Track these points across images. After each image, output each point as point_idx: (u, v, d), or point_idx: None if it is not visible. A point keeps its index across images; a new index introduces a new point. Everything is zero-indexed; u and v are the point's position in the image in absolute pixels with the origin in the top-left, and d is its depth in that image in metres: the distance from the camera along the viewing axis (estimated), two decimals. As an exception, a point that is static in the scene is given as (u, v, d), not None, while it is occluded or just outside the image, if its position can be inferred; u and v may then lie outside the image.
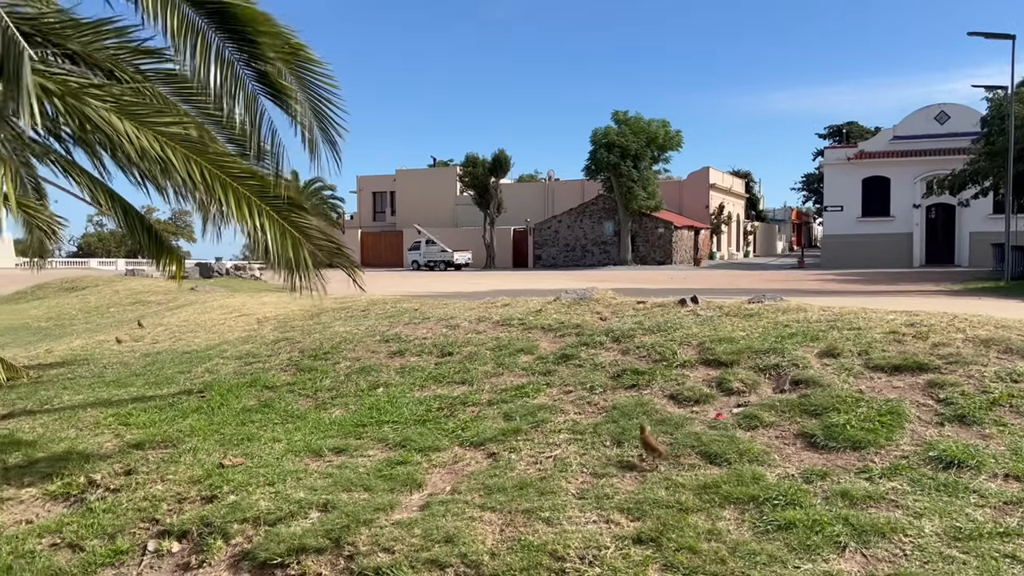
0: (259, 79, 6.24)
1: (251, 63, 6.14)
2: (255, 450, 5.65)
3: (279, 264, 6.34)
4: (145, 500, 5.08)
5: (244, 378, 7.67)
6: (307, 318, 10.48)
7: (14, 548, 4.76)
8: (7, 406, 7.61)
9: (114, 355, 9.91)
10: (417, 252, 52.61)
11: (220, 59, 5.78)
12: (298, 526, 4.40)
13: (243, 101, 6.07)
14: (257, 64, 6.16)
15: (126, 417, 6.74)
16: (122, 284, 21.13)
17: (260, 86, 6.23)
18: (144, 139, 5.60)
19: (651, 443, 4.78)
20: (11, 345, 12.66)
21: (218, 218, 6.13)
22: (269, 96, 6.29)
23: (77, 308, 17.54)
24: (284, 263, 6.32)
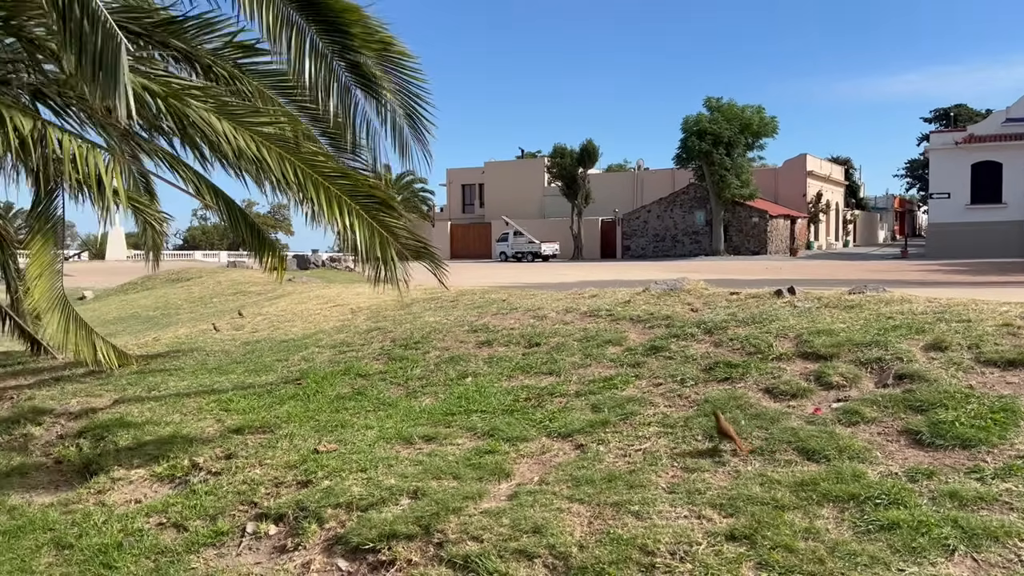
0: (351, 71, 6.34)
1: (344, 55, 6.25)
2: (348, 436, 5.78)
3: (367, 261, 6.46)
4: (244, 483, 5.26)
5: (338, 366, 7.85)
6: (398, 308, 10.65)
7: (124, 526, 5.01)
8: (118, 391, 8.01)
9: (216, 343, 10.31)
10: (505, 244, 52.86)
11: (315, 52, 5.89)
12: (389, 512, 4.47)
13: (337, 94, 6.18)
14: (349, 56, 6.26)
15: (227, 403, 6.99)
16: (224, 275, 21.99)
17: (352, 76, 6.33)
18: (241, 139, 5.79)
19: (726, 430, 4.72)
20: (122, 333, 13.34)
21: (310, 216, 6.29)
22: (361, 88, 6.38)
23: (182, 298, 18.35)
24: (372, 261, 6.44)
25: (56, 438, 6.94)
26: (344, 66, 6.27)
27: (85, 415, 7.27)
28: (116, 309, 18.43)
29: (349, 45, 6.17)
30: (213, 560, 4.50)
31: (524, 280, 23.38)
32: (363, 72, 6.32)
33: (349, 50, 6.21)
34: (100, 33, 4.05)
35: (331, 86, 6.12)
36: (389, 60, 6.32)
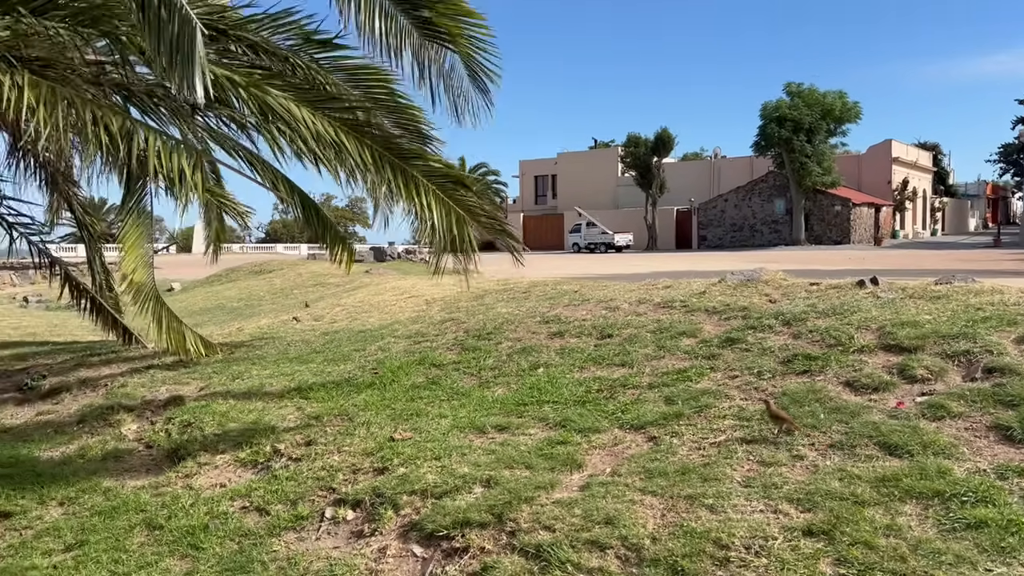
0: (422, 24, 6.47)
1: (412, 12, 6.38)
2: (423, 425, 5.87)
3: (444, 242, 6.52)
4: (323, 470, 5.41)
5: (413, 356, 7.98)
6: (472, 299, 10.74)
7: (210, 509, 5.21)
8: (204, 379, 8.32)
9: (297, 333, 10.61)
10: (578, 234, 52.64)
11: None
12: (463, 500, 4.53)
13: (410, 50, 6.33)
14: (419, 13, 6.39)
15: (307, 392, 7.19)
16: (304, 267, 22.58)
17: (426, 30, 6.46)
18: (319, 124, 5.93)
19: (778, 414, 4.73)
20: (208, 324, 13.84)
21: (387, 198, 6.38)
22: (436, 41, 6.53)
23: (265, 290, 18.92)
24: (449, 241, 6.50)
25: (147, 424, 7.26)
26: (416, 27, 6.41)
27: (173, 402, 7.58)
28: (202, 300, 19.14)
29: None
30: (294, 544, 4.64)
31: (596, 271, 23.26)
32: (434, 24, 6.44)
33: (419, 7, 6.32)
34: (176, 20, 4.18)
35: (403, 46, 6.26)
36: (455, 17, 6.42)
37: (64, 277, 9.65)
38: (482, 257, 6.86)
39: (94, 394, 8.32)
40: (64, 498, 5.77)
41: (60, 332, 13.57)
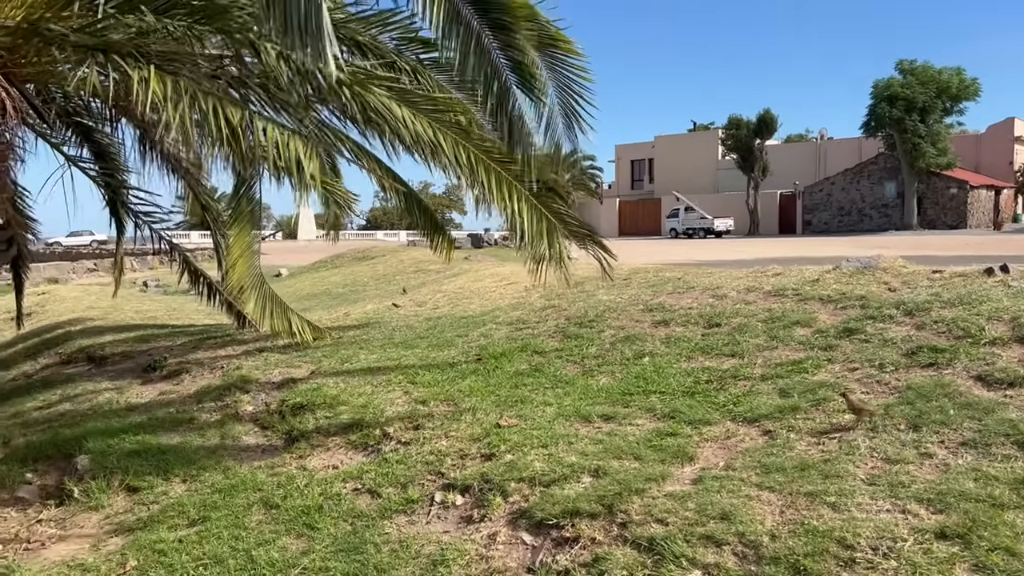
0: (513, 70, 6.43)
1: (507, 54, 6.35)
2: (528, 412, 5.87)
3: (533, 247, 6.55)
4: (431, 454, 5.48)
5: (515, 343, 7.99)
6: (572, 286, 10.67)
7: (324, 490, 5.35)
8: (314, 363, 8.56)
9: (400, 319, 10.80)
10: (675, 220, 51.79)
11: (479, 49, 6.02)
12: (571, 489, 4.50)
13: (496, 94, 6.31)
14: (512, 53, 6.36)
15: (413, 377, 7.30)
16: (406, 254, 22.99)
17: (515, 77, 6.43)
18: (419, 124, 6.01)
19: (856, 404, 4.68)
20: (315, 309, 14.27)
21: (480, 199, 6.42)
22: (519, 87, 6.48)
23: (368, 276, 19.38)
24: (537, 246, 6.52)
25: (261, 405, 7.53)
26: (507, 64, 6.38)
27: (286, 385, 7.83)
28: (309, 286, 19.76)
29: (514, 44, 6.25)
30: (405, 527, 4.72)
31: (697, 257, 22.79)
32: (523, 71, 6.40)
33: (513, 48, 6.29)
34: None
35: (492, 83, 6.25)
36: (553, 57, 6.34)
37: (183, 263, 10.10)
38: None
39: (211, 375, 8.68)
40: (186, 475, 6.04)
41: (178, 316, 14.25)
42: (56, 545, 5.42)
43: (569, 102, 6.25)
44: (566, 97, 6.24)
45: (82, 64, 6.22)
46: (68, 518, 5.77)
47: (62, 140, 8.67)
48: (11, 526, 5.78)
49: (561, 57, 6.26)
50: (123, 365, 9.78)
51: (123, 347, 10.63)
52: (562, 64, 6.24)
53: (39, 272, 25.48)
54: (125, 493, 5.95)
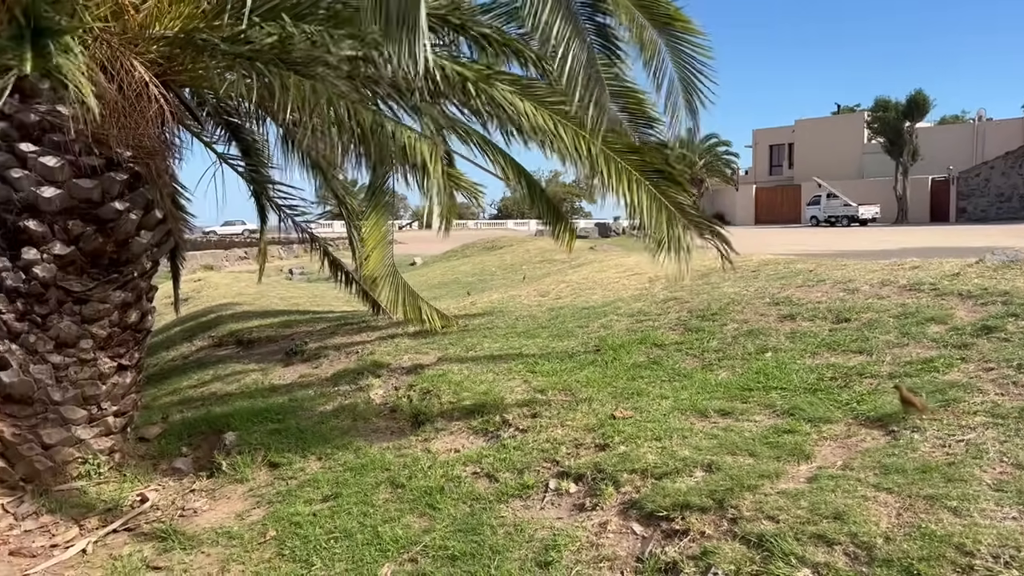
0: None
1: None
2: (644, 405, 5.92)
3: (652, 238, 6.55)
4: (547, 442, 5.63)
5: (635, 335, 8.02)
6: (696, 278, 10.56)
7: (445, 472, 5.61)
8: (441, 350, 8.89)
9: (524, 308, 11.02)
10: (816, 207, 49.67)
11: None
12: (683, 483, 4.54)
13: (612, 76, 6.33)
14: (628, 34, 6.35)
15: (533, 366, 7.48)
16: (532, 244, 23.31)
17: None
18: (540, 117, 6.16)
19: (910, 399, 4.61)
20: (444, 297, 14.74)
21: (600, 189, 6.49)
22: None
23: (496, 265, 19.79)
24: (656, 237, 6.52)
25: (391, 389, 7.91)
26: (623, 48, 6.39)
27: (414, 370, 8.20)
28: (440, 274, 20.39)
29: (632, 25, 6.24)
30: (520, 511, 4.90)
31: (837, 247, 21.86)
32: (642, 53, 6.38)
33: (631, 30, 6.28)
34: None
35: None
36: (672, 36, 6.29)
37: (323, 253, 10.71)
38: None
39: (347, 360, 9.18)
40: (321, 453, 6.46)
41: (319, 302, 15.08)
42: (206, 513, 5.96)
43: (690, 80, 6.19)
44: (686, 75, 6.18)
45: (231, 70, 6.74)
46: (217, 489, 6.31)
47: (214, 139, 9.39)
48: (169, 494, 6.39)
49: (680, 35, 6.21)
50: (268, 348, 10.49)
51: (268, 331, 11.40)
52: (682, 43, 6.18)
53: (195, 260, 27.55)
54: (267, 468, 6.44)
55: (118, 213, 6.51)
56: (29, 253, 6.28)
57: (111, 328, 6.79)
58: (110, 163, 6.45)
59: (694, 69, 6.08)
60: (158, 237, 7.10)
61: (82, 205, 6.36)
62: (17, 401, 6.49)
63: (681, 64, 6.05)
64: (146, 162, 6.77)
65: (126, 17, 6.36)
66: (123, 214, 6.54)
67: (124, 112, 6.06)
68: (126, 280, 6.84)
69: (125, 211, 6.55)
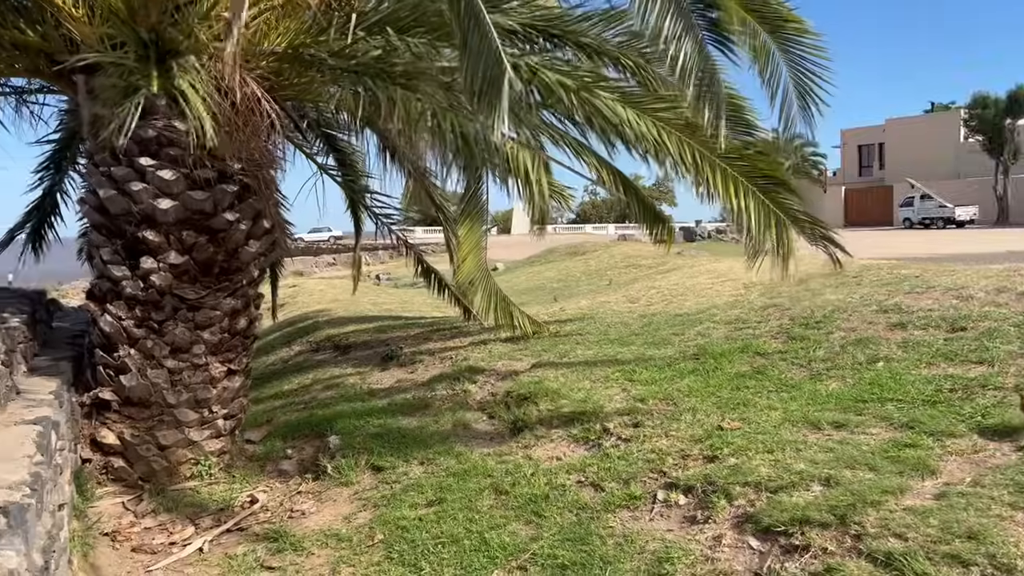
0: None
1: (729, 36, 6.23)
2: (751, 416, 5.79)
3: (760, 243, 6.42)
4: (652, 452, 5.56)
5: (735, 343, 7.86)
6: (794, 284, 10.28)
7: (549, 480, 5.61)
8: (534, 356, 8.90)
9: (615, 315, 10.94)
10: (910, 208, 47.87)
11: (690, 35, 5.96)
12: (800, 497, 4.41)
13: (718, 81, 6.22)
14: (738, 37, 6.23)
15: (630, 374, 7.41)
16: (616, 249, 23.16)
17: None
18: (643, 124, 6.11)
19: None
20: (532, 303, 14.75)
21: (704, 195, 6.39)
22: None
23: (580, 271, 19.74)
24: (765, 242, 6.38)
25: (488, 394, 7.96)
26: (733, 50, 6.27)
27: (509, 376, 8.23)
28: (525, 280, 20.44)
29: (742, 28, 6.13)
30: (628, 522, 4.85)
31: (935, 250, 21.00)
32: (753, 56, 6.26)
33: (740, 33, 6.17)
34: (487, 56, 4.45)
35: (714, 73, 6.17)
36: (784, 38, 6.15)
37: (417, 259, 10.87)
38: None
39: (442, 365, 9.29)
40: (423, 458, 6.54)
41: (409, 308, 15.31)
42: (314, 515, 6.11)
43: (804, 83, 6.05)
44: (800, 79, 6.04)
45: (335, 83, 6.91)
46: (323, 491, 6.46)
47: (314, 151, 9.66)
48: (277, 496, 6.58)
49: (792, 37, 6.08)
50: (364, 353, 10.71)
51: (364, 336, 11.64)
52: (794, 44, 6.05)
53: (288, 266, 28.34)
54: (370, 472, 6.56)
55: (229, 223, 6.75)
56: (147, 262, 6.57)
57: (221, 334, 7.04)
58: (222, 175, 6.69)
59: (809, 73, 5.92)
60: (265, 246, 7.33)
61: (195, 216, 6.62)
62: (135, 404, 6.80)
63: (795, 68, 5.91)
64: (255, 174, 7.01)
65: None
66: (233, 224, 6.78)
67: (236, 126, 6.29)
68: (236, 288, 7.09)
69: (235, 221, 6.79)
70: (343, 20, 6.48)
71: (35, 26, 6.48)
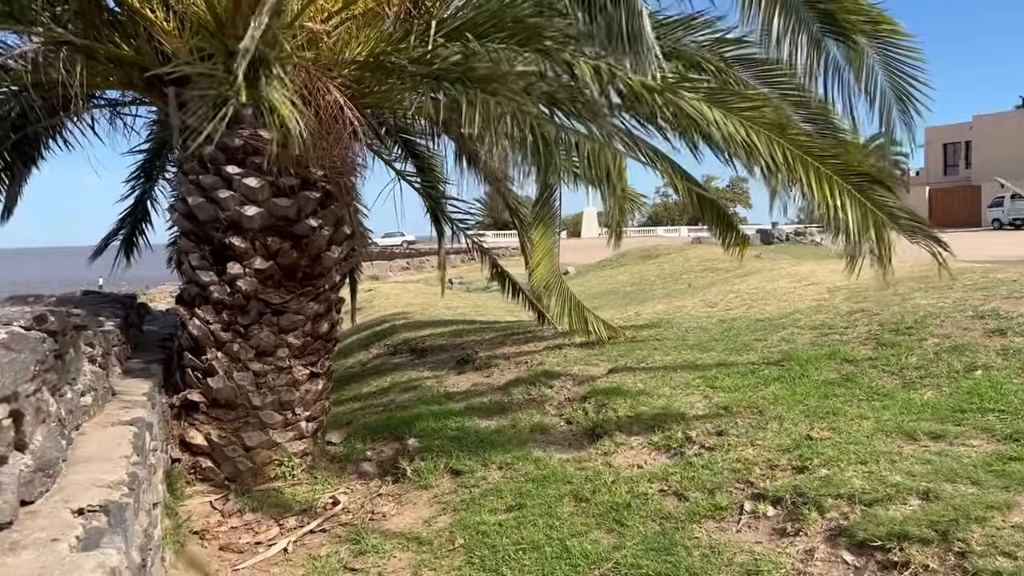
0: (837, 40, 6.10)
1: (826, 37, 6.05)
2: (841, 425, 5.59)
3: (858, 245, 6.20)
4: (737, 462, 5.42)
5: (821, 349, 7.62)
6: (881, 288, 9.92)
7: (630, 488, 5.52)
8: (611, 361, 8.81)
9: (692, 320, 10.75)
10: (999, 209, 45.80)
11: (810, 38, 5.80)
12: (896, 511, 4.23)
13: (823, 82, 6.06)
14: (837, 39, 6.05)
15: (712, 380, 7.25)
16: (692, 252, 22.79)
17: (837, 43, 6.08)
18: (730, 125, 5.97)
19: None
20: (605, 308, 14.63)
21: (798, 197, 6.21)
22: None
23: (655, 275, 19.49)
24: (863, 243, 6.16)
25: (564, 400, 7.90)
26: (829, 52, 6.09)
27: (586, 381, 8.16)
28: (596, 284, 20.30)
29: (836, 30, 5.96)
30: (714, 533, 4.74)
31: None
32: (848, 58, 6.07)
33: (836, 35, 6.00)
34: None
35: (815, 70, 6.00)
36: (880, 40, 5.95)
37: (492, 264, 10.90)
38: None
39: (517, 369, 9.27)
40: (502, 463, 6.53)
41: (482, 312, 15.36)
42: (394, 517, 6.16)
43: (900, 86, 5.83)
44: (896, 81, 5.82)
45: (414, 90, 6.98)
46: (403, 494, 6.51)
47: (392, 157, 9.78)
48: (358, 498, 6.66)
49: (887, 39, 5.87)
50: (440, 356, 10.78)
51: (439, 340, 11.72)
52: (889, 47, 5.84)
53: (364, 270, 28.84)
54: (449, 475, 6.58)
55: (312, 229, 6.88)
56: (234, 268, 6.75)
57: (304, 338, 7.17)
58: (305, 182, 6.83)
59: (906, 76, 5.72)
60: (346, 251, 7.45)
61: (280, 222, 6.76)
62: (222, 405, 6.98)
63: (892, 72, 5.70)
64: (336, 181, 7.13)
65: (320, 44, 6.73)
66: (316, 230, 6.91)
67: (320, 134, 6.40)
68: (318, 292, 7.21)
69: (318, 227, 6.91)
70: (423, 27, 6.55)
71: (129, 40, 6.74)
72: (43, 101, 6.76)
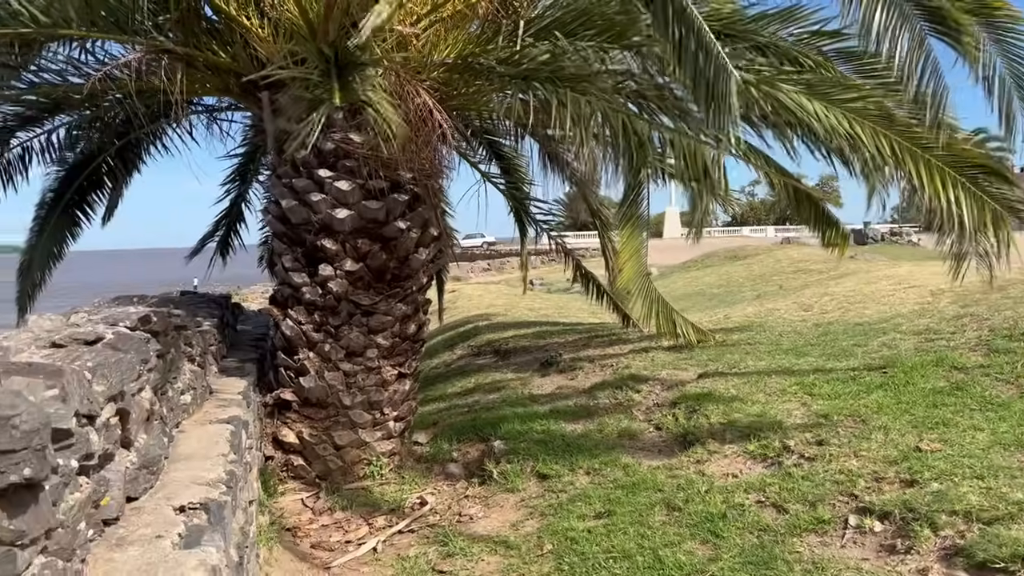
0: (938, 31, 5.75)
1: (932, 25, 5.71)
2: (953, 437, 5.27)
3: (973, 241, 5.85)
4: (840, 473, 5.17)
5: (927, 355, 7.23)
6: (989, 291, 9.38)
7: (725, 498, 5.33)
8: (700, 366, 8.58)
9: (786, 323, 10.40)
10: (1116, 207, 43.02)
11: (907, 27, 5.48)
12: (1020, 531, 3.95)
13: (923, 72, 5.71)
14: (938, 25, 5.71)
15: (809, 387, 6.97)
16: (782, 253, 22.15)
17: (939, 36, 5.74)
18: (832, 117, 5.70)
19: None
20: (692, 310, 14.33)
21: (907, 190, 5.89)
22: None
23: (743, 276, 19.00)
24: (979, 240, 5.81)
25: (653, 405, 7.74)
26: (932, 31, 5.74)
27: (675, 386, 7.96)
28: (682, 286, 19.93)
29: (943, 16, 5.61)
30: (816, 547, 4.52)
31: None
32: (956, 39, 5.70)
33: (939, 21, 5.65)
34: (713, 66, 4.31)
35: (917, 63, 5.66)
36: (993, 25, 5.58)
37: (575, 265, 10.78)
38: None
39: (602, 372, 9.14)
40: (589, 468, 6.42)
41: (565, 313, 15.27)
42: (481, 520, 6.12)
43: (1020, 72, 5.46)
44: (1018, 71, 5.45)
45: (503, 90, 6.93)
46: (489, 497, 6.47)
47: (477, 159, 9.79)
48: (445, 499, 6.65)
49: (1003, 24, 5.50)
50: (524, 358, 10.73)
51: (523, 342, 11.69)
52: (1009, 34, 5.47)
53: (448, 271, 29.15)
54: (536, 479, 6.51)
55: (400, 232, 6.91)
56: (325, 270, 6.83)
57: (393, 339, 7.22)
58: (394, 185, 6.86)
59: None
60: (433, 253, 7.47)
61: (369, 225, 6.82)
62: (313, 404, 7.09)
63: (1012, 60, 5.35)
64: (424, 183, 7.14)
65: (409, 47, 6.76)
66: (404, 232, 6.94)
67: (409, 137, 6.42)
68: (406, 294, 7.25)
69: (406, 230, 6.94)
70: (511, 28, 6.49)
71: (226, 47, 6.91)
72: (145, 108, 7.00)
